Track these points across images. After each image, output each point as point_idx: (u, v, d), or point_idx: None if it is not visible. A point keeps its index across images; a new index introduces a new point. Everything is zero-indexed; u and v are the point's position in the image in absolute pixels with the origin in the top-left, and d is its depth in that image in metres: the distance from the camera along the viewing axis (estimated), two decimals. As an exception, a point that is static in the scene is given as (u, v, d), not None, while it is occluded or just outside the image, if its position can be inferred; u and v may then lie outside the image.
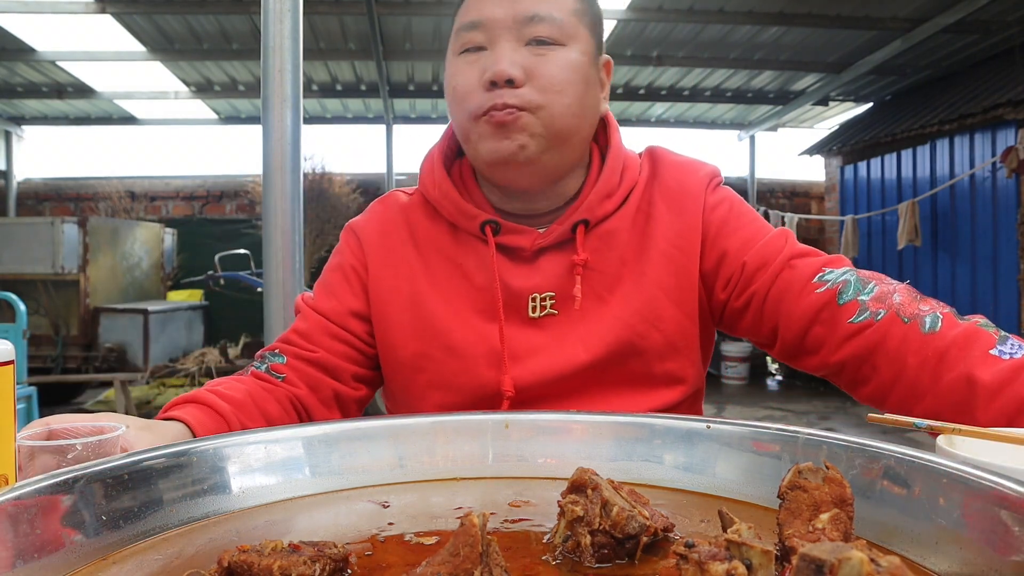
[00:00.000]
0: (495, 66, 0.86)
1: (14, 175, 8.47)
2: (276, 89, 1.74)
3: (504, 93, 0.86)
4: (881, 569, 0.29)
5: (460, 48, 0.91)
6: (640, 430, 0.67)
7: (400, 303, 0.96)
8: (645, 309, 0.92)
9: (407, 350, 0.95)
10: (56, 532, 0.48)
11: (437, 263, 0.97)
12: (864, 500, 0.50)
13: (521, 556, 0.49)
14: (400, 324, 0.95)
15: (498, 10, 0.88)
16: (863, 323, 0.83)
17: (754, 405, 6.41)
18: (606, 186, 0.94)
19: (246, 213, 8.49)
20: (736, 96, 7.85)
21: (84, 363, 5.82)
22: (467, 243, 0.96)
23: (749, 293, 0.92)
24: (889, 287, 0.85)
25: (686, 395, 0.94)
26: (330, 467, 0.65)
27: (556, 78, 0.87)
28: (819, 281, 0.87)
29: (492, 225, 0.94)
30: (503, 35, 0.88)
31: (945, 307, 0.83)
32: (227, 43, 6.30)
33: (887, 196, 7.00)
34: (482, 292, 0.94)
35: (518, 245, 0.94)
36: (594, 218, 0.93)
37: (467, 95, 0.89)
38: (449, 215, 0.97)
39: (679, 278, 0.93)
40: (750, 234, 0.94)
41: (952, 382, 0.77)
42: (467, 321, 0.93)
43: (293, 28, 1.75)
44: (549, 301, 0.93)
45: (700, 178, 0.97)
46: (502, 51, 0.87)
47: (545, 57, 0.88)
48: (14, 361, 0.58)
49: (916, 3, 5.35)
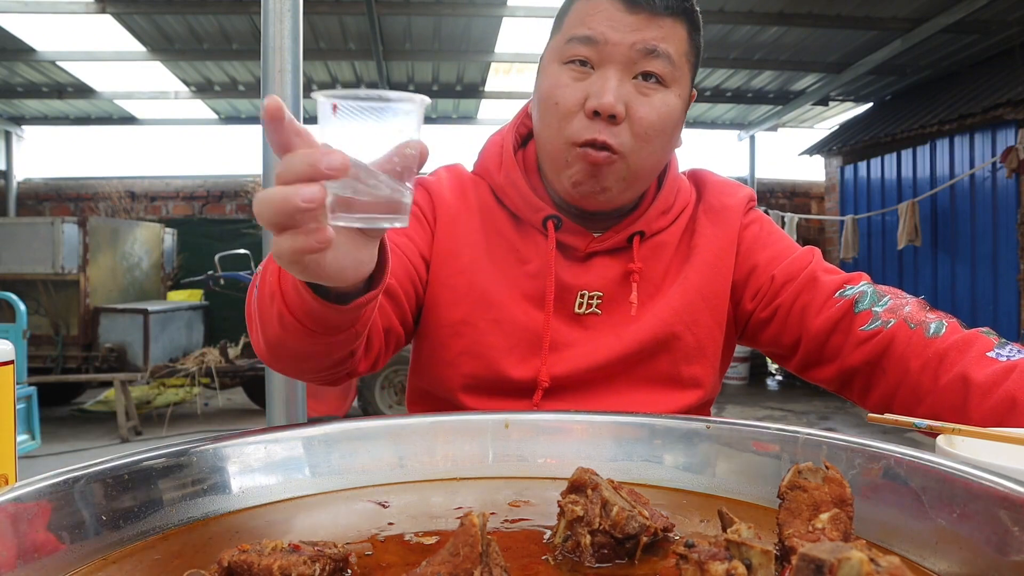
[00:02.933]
0: (602, 97, 0.85)
1: (14, 175, 8.47)
2: (276, 89, 1.74)
3: (604, 129, 0.86)
4: (881, 569, 0.29)
5: (566, 58, 0.89)
6: (640, 430, 0.67)
7: (457, 267, 0.97)
8: (683, 311, 0.96)
9: (452, 314, 0.95)
10: (56, 532, 0.48)
11: (497, 242, 0.98)
12: (864, 500, 0.50)
13: (521, 556, 0.49)
14: (452, 287, 0.96)
15: (618, 35, 0.86)
16: (874, 331, 0.87)
17: (754, 405, 6.41)
18: (664, 203, 0.98)
19: (246, 213, 8.48)
20: (736, 96, 7.84)
21: (84, 363, 5.82)
22: (526, 231, 0.98)
23: (775, 305, 0.96)
24: (902, 300, 0.90)
25: (702, 400, 0.98)
26: (330, 467, 0.65)
27: (653, 126, 0.88)
28: (839, 296, 0.92)
29: (554, 220, 0.96)
30: (616, 61, 0.87)
31: (953, 318, 0.87)
32: (227, 43, 6.30)
33: (887, 196, 7.00)
34: (534, 281, 0.96)
35: (573, 245, 0.96)
36: (650, 231, 0.97)
37: (568, 116, 0.88)
38: (512, 203, 0.98)
39: (715, 285, 0.97)
40: (779, 250, 0.99)
41: (949, 383, 0.80)
42: (517, 302, 0.95)
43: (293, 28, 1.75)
44: (596, 300, 0.96)
45: (739, 199, 1.02)
46: (610, 81, 0.86)
47: (648, 98, 0.88)
48: (14, 361, 0.58)
49: (916, 3, 5.35)
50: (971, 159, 6.01)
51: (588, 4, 0.89)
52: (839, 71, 6.76)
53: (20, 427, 4.15)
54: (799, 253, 0.99)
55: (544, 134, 0.93)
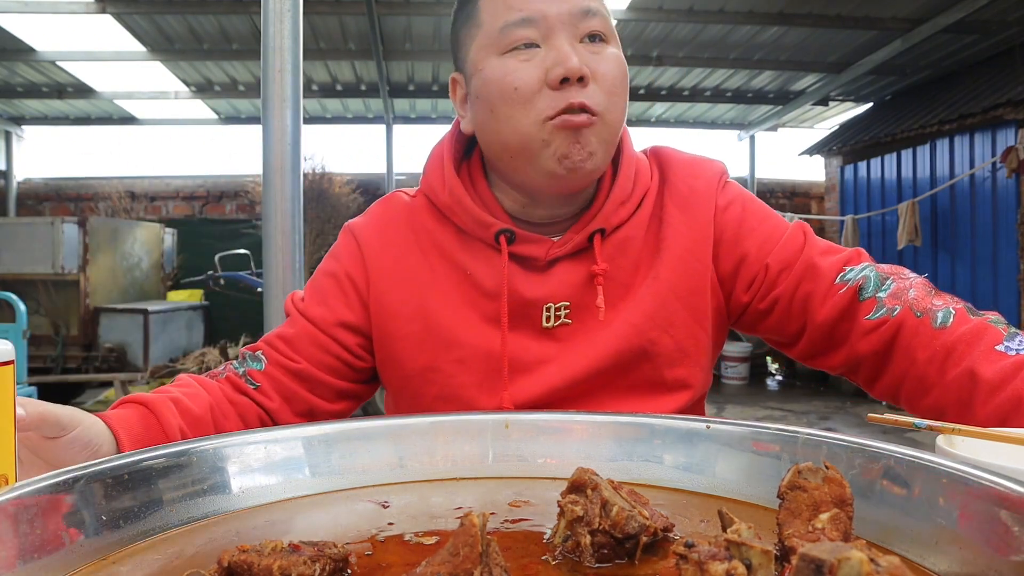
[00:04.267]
0: (566, 62, 0.81)
1: (14, 175, 8.47)
2: (276, 89, 1.74)
3: (577, 93, 0.82)
4: (881, 569, 0.29)
5: (508, 46, 0.85)
6: (640, 430, 0.67)
7: (407, 316, 0.92)
8: (658, 314, 0.90)
9: (416, 363, 0.92)
10: (56, 532, 0.48)
11: (444, 270, 0.93)
12: (864, 500, 0.50)
13: (521, 556, 0.49)
14: (408, 337, 0.92)
15: (552, 6, 0.84)
16: (879, 320, 0.84)
17: (754, 405, 6.41)
18: (621, 192, 0.92)
19: (246, 213, 8.49)
20: (736, 96, 7.85)
21: (84, 363, 5.82)
22: (477, 250, 0.92)
23: (773, 296, 0.91)
24: (905, 282, 0.86)
25: (692, 400, 0.94)
26: (330, 467, 0.65)
27: (616, 79, 0.85)
28: (841, 281, 0.87)
29: (507, 234, 0.90)
30: (560, 30, 0.84)
31: (960, 303, 0.84)
32: (227, 43, 6.30)
33: (887, 196, 7.00)
34: (492, 300, 0.91)
35: (532, 255, 0.90)
36: (610, 226, 0.91)
37: (531, 97, 0.83)
38: (460, 221, 0.93)
39: (691, 282, 0.92)
40: (767, 233, 0.93)
41: (956, 377, 0.78)
42: (478, 331, 0.91)
43: (293, 28, 1.75)
44: (564, 311, 0.90)
45: (708, 178, 0.95)
46: (567, 47, 0.83)
47: (602, 55, 0.85)
48: (14, 361, 0.58)
49: (916, 3, 5.35)
50: (971, 159, 6.02)
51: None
52: (839, 71, 6.76)
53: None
54: (789, 233, 0.93)
55: (505, 130, 0.86)
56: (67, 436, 0.69)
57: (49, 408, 0.67)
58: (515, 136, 0.85)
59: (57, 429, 0.68)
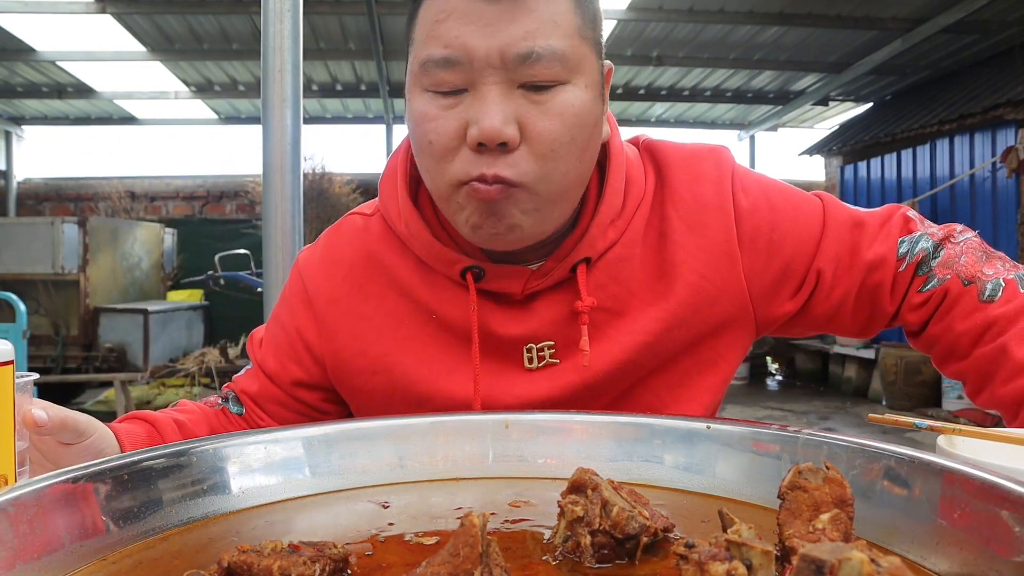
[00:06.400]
0: (484, 121, 0.67)
1: (14, 175, 8.48)
2: (276, 89, 1.74)
3: (495, 161, 0.68)
4: (881, 569, 0.29)
5: (427, 85, 0.72)
6: (640, 430, 0.67)
7: (368, 369, 0.83)
8: (664, 340, 0.80)
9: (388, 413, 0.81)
10: (56, 532, 0.48)
11: (406, 310, 0.83)
12: (864, 500, 0.50)
13: (521, 556, 0.49)
14: (373, 392, 0.83)
15: (480, 42, 0.68)
16: (928, 292, 0.83)
17: (754, 405, 6.41)
18: (610, 211, 0.79)
19: (246, 213, 8.49)
20: (736, 96, 7.85)
21: (84, 363, 5.82)
22: (442, 286, 0.81)
23: (838, 296, 0.84)
24: (957, 248, 0.83)
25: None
26: (330, 467, 0.65)
27: (558, 138, 0.70)
28: (900, 258, 0.83)
29: (474, 271, 0.78)
30: (488, 76, 0.68)
31: (1013, 270, 0.81)
32: (227, 43, 6.31)
33: (887, 196, 7.00)
34: (464, 342, 0.80)
35: (506, 291, 0.79)
36: (596, 253, 0.79)
37: (445, 155, 0.71)
38: (421, 254, 0.81)
39: (713, 307, 0.81)
40: (804, 230, 0.83)
41: (989, 352, 0.77)
42: (451, 379, 0.81)
43: (293, 28, 1.75)
44: (548, 351, 0.80)
45: (716, 182, 0.82)
46: (491, 100, 0.68)
47: (544, 107, 0.69)
48: (14, 361, 0.58)
49: (916, 3, 5.35)
50: (971, 159, 6.02)
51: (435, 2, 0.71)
52: (839, 71, 6.76)
53: (20, 427, 4.12)
54: (826, 222, 0.84)
55: (426, 178, 0.76)
56: (82, 443, 0.70)
57: (69, 414, 0.68)
58: (433, 189, 0.76)
59: (75, 435, 0.69)
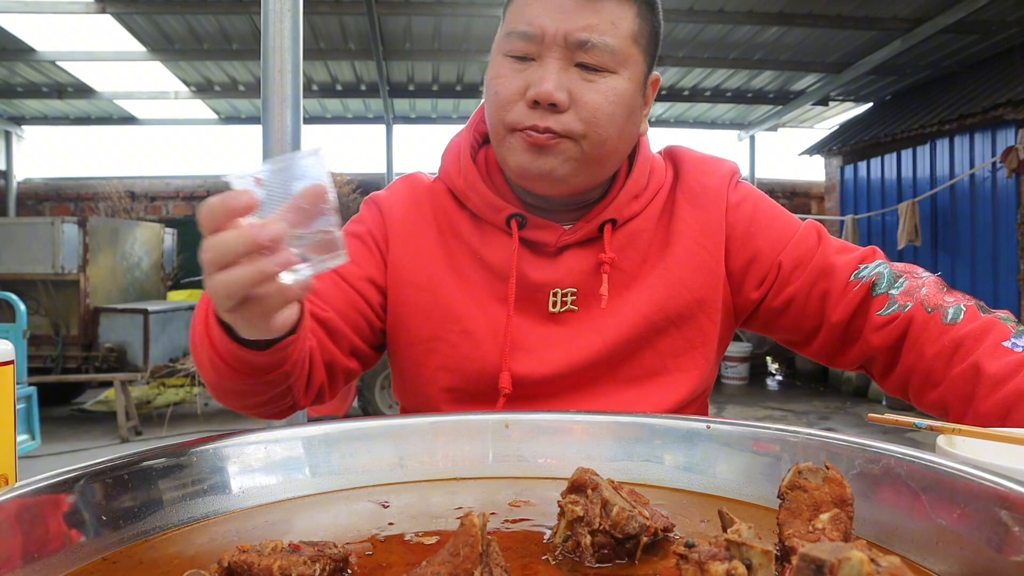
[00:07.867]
0: (541, 85, 0.84)
1: (14, 175, 8.48)
2: (276, 89, 1.74)
3: (546, 116, 0.84)
4: (881, 569, 0.29)
5: (506, 51, 0.89)
6: (640, 430, 0.67)
7: (418, 284, 0.95)
8: (666, 305, 0.92)
9: (421, 331, 0.94)
10: (56, 532, 0.48)
11: (458, 250, 0.96)
12: (864, 500, 0.50)
13: (521, 556, 0.49)
14: (416, 305, 0.94)
15: (551, 24, 0.85)
16: (891, 315, 0.86)
17: (754, 405, 6.41)
18: (635, 187, 0.95)
19: (246, 213, 8.48)
20: (736, 96, 7.85)
21: (84, 363, 5.82)
22: (490, 233, 0.95)
23: (788, 294, 0.93)
24: (918, 281, 0.88)
25: (694, 392, 0.94)
26: (330, 467, 0.65)
27: (601, 109, 0.85)
28: (855, 279, 0.89)
29: (518, 219, 0.93)
30: (553, 52, 0.85)
31: (971, 300, 0.85)
32: (227, 43, 6.31)
33: (887, 196, 7.00)
34: (501, 281, 0.93)
35: (542, 240, 0.93)
36: (621, 218, 0.93)
37: (507, 104, 0.87)
38: (474, 206, 0.95)
39: (702, 275, 0.93)
40: (780, 232, 0.95)
41: (962, 372, 0.79)
42: (485, 308, 0.93)
43: (293, 28, 1.75)
44: (570, 297, 0.93)
45: (720, 176, 0.97)
46: (550, 70, 0.84)
47: (593, 84, 0.85)
48: (14, 361, 0.58)
49: (916, 3, 5.35)
50: (971, 159, 6.02)
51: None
52: (839, 71, 6.76)
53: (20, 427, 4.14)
54: (802, 232, 0.95)
55: (490, 123, 0.91)
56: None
57: None
58: (493, 132, 0.91)
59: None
